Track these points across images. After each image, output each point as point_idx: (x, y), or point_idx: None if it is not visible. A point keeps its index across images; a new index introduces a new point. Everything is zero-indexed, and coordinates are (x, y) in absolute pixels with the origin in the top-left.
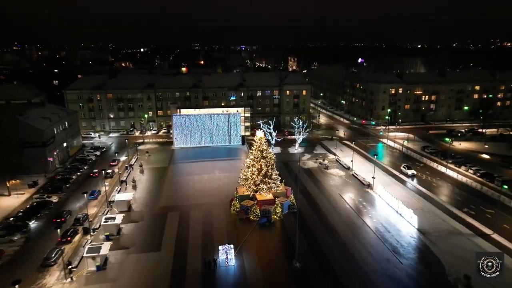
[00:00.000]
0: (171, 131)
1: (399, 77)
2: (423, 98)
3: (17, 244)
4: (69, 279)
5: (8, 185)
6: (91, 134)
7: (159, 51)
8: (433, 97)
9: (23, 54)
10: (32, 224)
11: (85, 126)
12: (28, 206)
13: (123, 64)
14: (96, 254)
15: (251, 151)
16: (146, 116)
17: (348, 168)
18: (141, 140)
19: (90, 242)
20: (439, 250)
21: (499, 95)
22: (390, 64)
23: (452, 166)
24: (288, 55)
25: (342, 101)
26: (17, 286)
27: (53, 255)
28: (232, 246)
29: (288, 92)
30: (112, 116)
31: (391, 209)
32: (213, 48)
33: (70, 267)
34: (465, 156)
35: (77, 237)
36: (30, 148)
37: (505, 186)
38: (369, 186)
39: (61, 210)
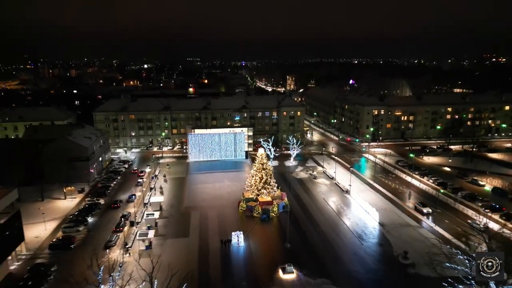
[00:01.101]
0: (185, 147)
1: (381, 100)
2: (402, 118)
3: (82, 233)
4: (127, 254)
5: (65, 190)
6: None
7: (163, 68)
8: (411, 117)
9: (37, 72)
10: (89, 219)
11: (110, 143)
12: (82, 207)
13: (131, 83)
14: (145, 237)
15: (254, 164)
16: (163, 134)
17: (332, 178)
18: (160, 155)
19: (137, 231)
20: (391, 236)
21: (469, 116)
22: (378, 85)
23: (417, 176)
24: (286, 74)
25: (332, 120)
26: (107, 250)
27: (113, 238)
28: (241, 232)
29: (285, 113)
30: (133, 134)
31: (362, 209)
32: (214, 64)
33: (127, 246)
34: (430, 168)
35: (126, 228)
36: (77, 162)
37: (442, 191)
38: (347, 192)
39: (114, 199)
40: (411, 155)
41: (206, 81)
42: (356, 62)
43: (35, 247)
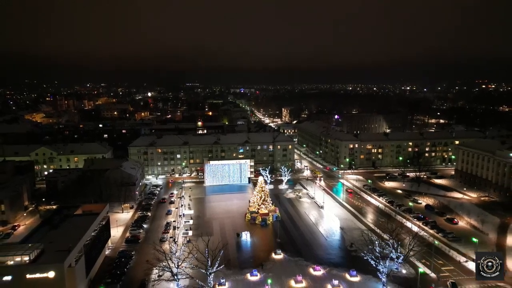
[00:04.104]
0: (200, 174)
1: (355, 136)
2: (373, 151)
3: (142, 234)
4: (176, 245)
5: (122, 207)
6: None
7: (168, 98)
8: (379, 150)
9: (55, 104)
10: (144, 225)
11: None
12: (136, 217)
13: (142, 114)
14: (187, 235)
15: (256, 187)
16: (183, 164)
17: (313, 198)
18: (182, 181)
19: (179, 232)
20: (346, 235)
21: (426, 149)
22: (360, 119)
23: (375, 196)
24: (281, 106)
25: (318, 152)
26: (162, 243)
27: (164, 236)
28: (248, 232)
29: (278, 146)
30: (159, 164)
31: (330, 219)
32: (214, 91)
33: (175, 240)
34: (387, 191)
35: (170, 231)
36: (127, 186)
37: (380, 205)
38: (322, 207)
39: (161, 197)
40: (369, 181)
41: (210, 113)
42: (350, 88)
43: (115, 242)
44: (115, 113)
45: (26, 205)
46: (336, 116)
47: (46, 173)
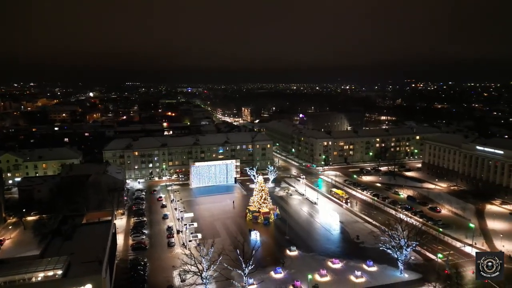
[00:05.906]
0: (180, 176)
1: (328, 134)
2: (345, 147)
3: (146, 240)
4: (186, 248)
5: (116, 213)
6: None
7: (115, 99)
8: (351, 146)
9: None
10: (145, 231)
11: None
12: (133, 223)
13: (94, 116)
14: (196, 238)
15: (255, 187)
16: (164, 166)
17: (303, 195)
18: (165, 184)
19: (184, 236)
20: (348, 228)
21: (392, 144)
22: (323, 118)
23: (359, 190)
24: (241, 105)
25: (292, 150)
26: (170, 248)
27: (172, 240)
28: (257, 231)
29: (258, 146)
30: (136, 167)
31: (327, 214)
32: (161, 90)
33: (184, 244)
34: (367, 185)
35: (175, 235)
36: (115, 191)
37: (375, 199)
38: (315, 203)
39: (153, 189)
40: (354, 176)
41: (169, 113)
42: (294, 87)
43: (119, 250)
44: (64, 115)
45: (4, 217)
46: (301, 115)
47: (10, 181)
